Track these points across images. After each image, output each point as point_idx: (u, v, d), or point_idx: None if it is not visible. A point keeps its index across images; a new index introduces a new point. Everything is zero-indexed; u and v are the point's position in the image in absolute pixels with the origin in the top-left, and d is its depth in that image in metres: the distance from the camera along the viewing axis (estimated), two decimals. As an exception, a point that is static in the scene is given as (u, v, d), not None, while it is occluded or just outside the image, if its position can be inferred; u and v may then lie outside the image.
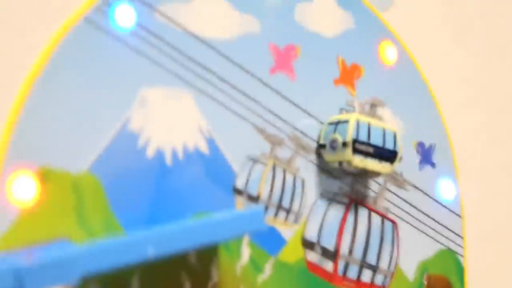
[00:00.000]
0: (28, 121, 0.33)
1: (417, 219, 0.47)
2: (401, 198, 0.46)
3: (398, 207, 0.46)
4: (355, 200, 0.44)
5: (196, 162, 0.38)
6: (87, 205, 0.34)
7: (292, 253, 0.41)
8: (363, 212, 0.44)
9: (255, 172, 0.40)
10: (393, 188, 0.46)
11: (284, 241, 0.41)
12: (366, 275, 0.44)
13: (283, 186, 0.41)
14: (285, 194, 0.41)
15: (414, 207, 0.47)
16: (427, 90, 0.47)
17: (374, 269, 0.45)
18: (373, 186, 0.45)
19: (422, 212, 0.47)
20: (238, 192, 0.39)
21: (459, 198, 0.49)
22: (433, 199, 0.48)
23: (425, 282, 0.47)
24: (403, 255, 0.46)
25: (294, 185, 0.41)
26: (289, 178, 0.41)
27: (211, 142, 0.38)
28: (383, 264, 0.45)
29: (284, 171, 0.41)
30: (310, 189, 0.42)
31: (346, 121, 0.40)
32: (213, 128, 0.38)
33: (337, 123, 0.41)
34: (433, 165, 0.48)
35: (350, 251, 0.43)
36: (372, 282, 0.44)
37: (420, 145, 0.47)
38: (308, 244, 0.42)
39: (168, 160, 0.37)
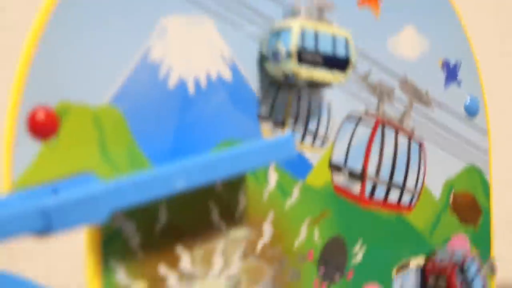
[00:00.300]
0: (45, 55, 0.31)
1: (443, 137, 0.45)
2: (427, 116, 0.44)
3: (424, 126, 0.44)
4: (382, 121, 0.42)
5: (220, 90, 0.35)
6: (109, 138, 0.32)
7: (319, 177, 0.39)
8: (389, 133, 0.42)
9: (280, 97, 0.38)
10: (419, 107, 0.43)
11: (311, 165, 0.39)
12: (393, 195, 0.42)
13: (309, 109, 0.39)
14: (311, 118, 0.39)
15: (440, 125, 0.45)
16: (452, 7, 0.45)
17: (401, 188, 0.43)
18: (399, 106, 0.43)
19: (448, 130, 0.45)
20: (263, 118, 0.37)
21: (484, 115, 0.46)
22: (458, 116, 0.45)
23: (451, 200, 0.45)
24: (430, 174, 0.44)
25: (320, 108, 0.39)
26: (315, 101, 0.39)
27: (234, 69, 0.36)
28: (410, 184, 0.43)
29: (309, 95, 0.39)
30: (336, 112, 0.40)
31: (290, 29, 0.35)
32: (236, 54, 0.36)
33: (280, 31, 0.35)
34: (458, 82, 0.45)
35: (377, 172, 0.41)
36: (399, 201, 0.43)
37: (446, 62, 0.45)
38: (335, 167, 0.40)
39: (191, 89, 0.35)
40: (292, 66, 0.35)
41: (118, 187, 0.29)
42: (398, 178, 0.42)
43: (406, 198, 0.43)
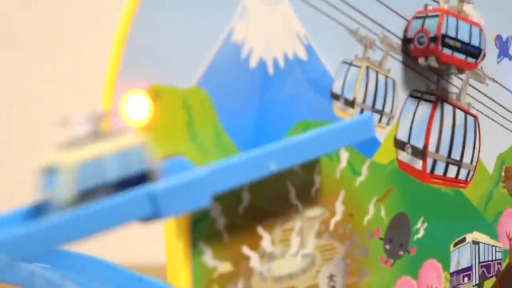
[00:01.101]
0: (137, 40, 0.30)
1: (495, 112, 0.45)
2: (481, 92, 0.44)
3: (479, 101, 0.44)
4: (441, 97, 0.42)
5: (296, 70, 0.35)
6: (197, 120, 0.32)
7: (385, 154, 0.39)
8: (448, 109, 0.42)
9: (350, 75, 0.37)
10: (474, 83, 0.43)
11: (379, 143, 0.39)
12: (451, 171, 0.42)
13: (376, 88, 0.38)
14: (378, 96, 0.39)
15: (493, 100, 0.45)
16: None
17: (459, 164, 0.43)
18: (457, 82, 0.42)
19: (500, 105, 0.45)
20: (335, 96, 0.37)
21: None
22: (510, 91, 0.45)
23: (503, 174, 0.45)
24: (483, 148, 0.44)
25: (386, 86, 0.39)
26: (381, 80, 0.39)
27: (309, 48, 0.36)
28: (466, 159, 0.43)
29: (377, 73, 0.38)
30: (400, 90, 0.40)
31: (58, 171, 0.26)
32: (310, 33, 0.36)
33: (51, 172, 0.26)
34: (510, 57, 0.45)
35: (437, 148, 0.41)
36: (456, 177, 0.43)
37: (498, 38, 0.45)
38: (399, 144, 0.40)
39: (270, 69, 0.34)
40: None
41: (219, 170, 0.29)
42: (456, 153, 0.42)
43: (463, 174, 0.43)
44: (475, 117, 0.43)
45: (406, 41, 0.38)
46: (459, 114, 0.42)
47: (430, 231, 0.41)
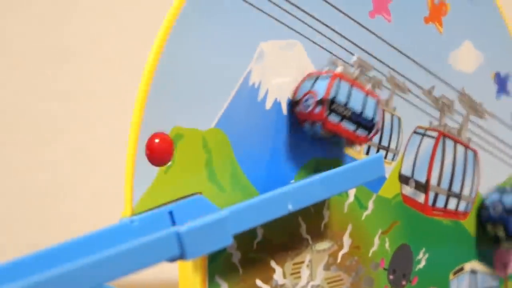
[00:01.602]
0: (160, 84, 0.31)
1: (493, 146, 0.46)
2: (480, 126, 0.45)
3: (478, 135, 0.45)
4: (443, 133, 0.43)
5: None
6: (215, 159, 0.33)
7: (390, 188, 0.40)
8: (449, 144, 0.43)
9: (358, 114, 0.39)
10: (474, 118, 0.45)
11: (384, 178, 0.40)
12: (452, 203, 0.44)
13: (382, 125, 0.40)
14: (384, 134, 0.40)
15: (491, 135, 0.46)
16: (504, 23, 0.46)
17: (458, 197, 0.44)
18: (458, 118, 0.44)
19: (498, 139, 0.46)
20: (343, 135, 0.38)
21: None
22: (508, 125, 0.47)
23: (500, 205, 0.47)
24: (482, 181, 0.46)
25: (391, 124, 0.40)
26: (387, 118, 0.40)
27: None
28: (466, 192, 0.45)
29: (383, 111, 0.40)
30: (405, 127, 0.41)
31: None
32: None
33: None
34: (508, 93, 0.47)
35: (439, 182, 0.43)
36: (456, 209, 0.44)
37: (497, 75, 0.46)
38: (404, 179, 0.41)
39: (284, 109, 0.35)
40: None
41: (240, 211, 0.30)
42: (456, 186, 0.44)
43: (462, 206, 0.44)
44: (474, 151, 0.45)
45: (294, 103, 0.35)
46: (460, 149, 0.44)
47: (431, 261, 0.42)
